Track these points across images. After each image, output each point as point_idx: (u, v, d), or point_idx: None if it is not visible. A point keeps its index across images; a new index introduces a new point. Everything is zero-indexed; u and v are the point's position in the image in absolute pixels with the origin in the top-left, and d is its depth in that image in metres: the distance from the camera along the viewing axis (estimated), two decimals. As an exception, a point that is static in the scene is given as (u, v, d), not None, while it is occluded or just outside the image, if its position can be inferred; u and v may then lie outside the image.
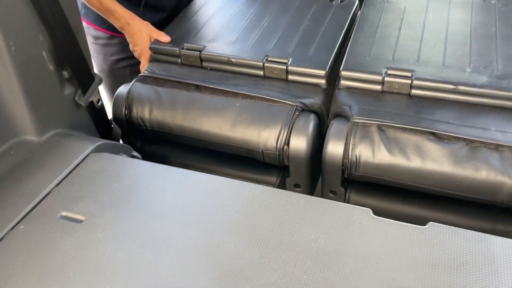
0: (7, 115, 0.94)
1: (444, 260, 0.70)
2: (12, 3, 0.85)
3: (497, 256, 0.70)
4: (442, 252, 0.71)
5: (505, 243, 0.72)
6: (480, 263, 0.69)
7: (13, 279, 0.70)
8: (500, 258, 0.70)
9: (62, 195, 0.85)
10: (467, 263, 0.69)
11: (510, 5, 1.22)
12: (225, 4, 1.39)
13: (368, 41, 1.15)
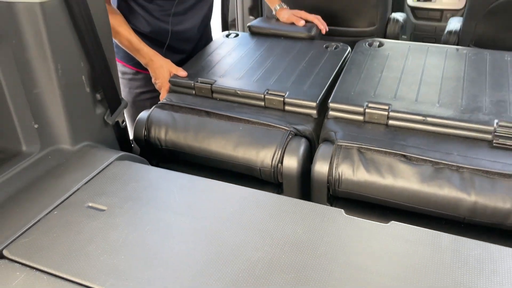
0: (49, 126, 1.14)
1: (399, 249, 0.85)
2: (63, 36, 1.07)
3: (443, 248, 0.85)
4: (398, 243, 0.86)
5: (452, 238, 0.86)
6: (428, 253, 0.84)
7: (47, 249, 0.87)
8: (445, 250, 0.84)
9: (89, 190, 1.02)
10: (418, 252, 0.84)
11: (479, 55, 1.42)
12: (235, 48, 1.62)
13: (354, 79, 1.35)
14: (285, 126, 1.25)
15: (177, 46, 1.67)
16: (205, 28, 1.78)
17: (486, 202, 1.04)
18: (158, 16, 1.60)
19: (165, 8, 1.58)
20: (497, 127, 1.13)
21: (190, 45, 1.70)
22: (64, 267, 0.83)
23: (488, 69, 1.35)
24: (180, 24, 1.63)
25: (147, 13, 1.58)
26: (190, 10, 1.64)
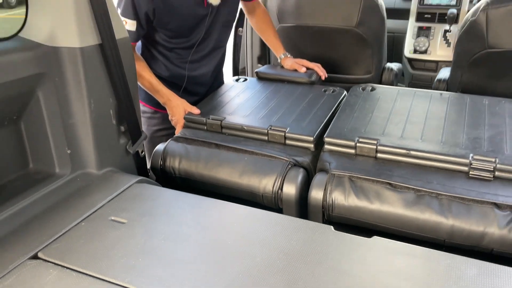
0: (79, 152, 1.32)
1: (379, 257, 0.98)
2: (97, 75, 1.27)
3: (417, 257, 0.97)
4: (378, 252, 0.99)
5: (424, 250, 0.99)
6: (403, 261, 0.96)
7: (76, 252, 1.01)
8: (419, 259, 0.97)
9: (112, 207, 1.18)
10: (394, 260, 0.97)
11: (460, 99, 1.59)
12: (244, 90, 1.81)
13: (348, 118, 1.52)
14: (285, 157, 1.41)
15: (192, 89, 1.87)
16: (218, 74, 2.00)
17: (462, 225, 1.17)
18: (177, 63, 1.81)
19: (183, 56, 1.80)
20: (472, 160, 1.27)
21: (204, 88, 1.91)
22: (90, 267, 0.97)
23: (467, 111, 1.52)
24: (196, 70, 1.85)
25: (167, 60, 1.80)
26: (205, 58, 1.85)
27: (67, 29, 1.18)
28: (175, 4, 1.65)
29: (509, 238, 1.13)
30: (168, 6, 1.64)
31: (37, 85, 1.19)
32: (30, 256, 1.00)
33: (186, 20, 1.70)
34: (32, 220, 1.13)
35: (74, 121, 1.27)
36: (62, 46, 1.20)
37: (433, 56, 2.85)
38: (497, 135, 1.38)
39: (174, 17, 1.67)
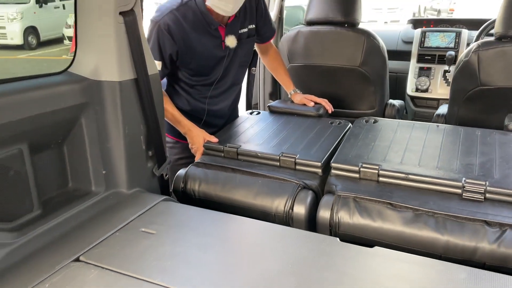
0: (113, 173, 1.48)
1: (379, 264, 1.11)
2: (131, 105, 1.46)
3: (412, 264, 1.10)
4: (378, 259, 1.12)
5: (419, 258, 1.12)
6: (399, 266, 1.09)
7: (112, 256, 1.16)
8: (413, 265, 1.10)
9: (142, 220, 1.33)
10: (393, 266, 1.10)
11: (454, 130, 1.75)
12: (257, 122, 1.99)
13: (352, 146, 1.67)
14: (296, 180, 1.56)
15: (211, 121, 2.06)
16: (234, 108, 2.19)
17: (456, 241, 1.29)
18: (197, 98, 2.00)
19: (203, 92, 1.99)
20: (465, 183, 1.41)
21: (222, 120, 2.09)
22: (125, 268, 1.11)
23: (461, 141, 1.67)
24: (215, 105, 2.04)
25: (189, 95, 2.00)
26: (223, 94, 2.05)
27: (109, 66, 1.38)
28: (196, 47, 1.85)
29: (499, 252, 1.25)
30: (190, 48, 1.85)
31: (81, 113, 1.38)
32: (73, 259, 1.15)
33: (206, 60, 1.91)
34: (73, 230, 1.28)
35: (110, 145, 1.45)
36: (104, 80, 1.39)
37: (434, 94, 3.03)
38: (488, 161, 1.52)
39: (195, 58, 1.88)
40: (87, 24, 1.35)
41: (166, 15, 1.79)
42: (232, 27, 1.91)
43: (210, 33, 1.87)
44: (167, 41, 1.79)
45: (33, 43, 11.74)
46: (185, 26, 1.80)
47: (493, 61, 1.92)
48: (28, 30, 11.55)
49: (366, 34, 2.31)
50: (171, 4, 1.82)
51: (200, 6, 1.82)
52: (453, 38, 3.10)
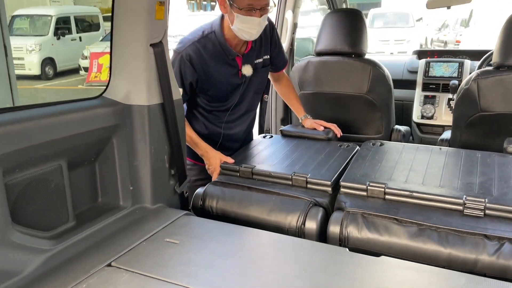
0: (139, 189, 1.61)
1: (385, 270, 1.21)
2: (157, 127, 1.60)
3: (414, 271, 1.20)
4: (384, 266, 1.22)
5: (418, 265, 1.22)
6: (403, 272, 1.19)
7: (141, 262, 1.27)
8: (416, 271, 1.20)
9: (166, 232, 1.45)
10: (398, 272, 1.20)
11: (456, 152, 1.87)
12: (270, 145, 2.13)
13: (360, 167, 1.79)
14: (307, 198, 1.67)
15: (227, 145, 2.19)
16: (249, 133, 2.32)
17: (457, 253, 1.39)
18: (214, 123, 2.15)
19: (219, 117, 2.14)
20: (466, 200, 1.51)
21: (237, 144, 2.23)
22: (154, 272, 1.23)
23: (462, 162, 1.78)
24: (231, 129, 2.18)
25: (206, 120, 2.14)
26: (238, 119, 2.19)
27: (139, 92, 1.53)
28: (215, 75, 2.01)
29: (498, 263, 1.34)
30: (209, 76, 2.01)
31: (113, 134, 1.52)
32: (106, 264, 1.27)
33: (223, 88, 2.06)
34: (104, 239, 1.40)
35: (137, 163, 1.58)
36: (134, 104, 1.54)
37: (439, 121, 3.15)
38: (487, 181, 1.63)
39: (214, 86, 2.04)
40: (121, 54, 1.51)
41: (189, 46, 1.96)
42: (249, 57, 2.08)
43: (228, 63, 2.03)
44: (188, 70, 1.95)
45: (50, 74, 12.17)
46: (205, 57, 1.97)
47: (491, 88, 2.05)
48: (46, 61, 12.00)
49: (372, 63, 2.46)
50: (193, 36, 1.99)
51: (219, 38, 1.99)
52: (456, 68, 3.25)
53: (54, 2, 15.68)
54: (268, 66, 2.21)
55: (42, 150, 1.28)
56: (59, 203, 1.38)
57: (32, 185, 1.29)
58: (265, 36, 2.13)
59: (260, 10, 1.87)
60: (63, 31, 12.59)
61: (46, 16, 12.64)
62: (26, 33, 12.65)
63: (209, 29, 2.01)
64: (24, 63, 11.74)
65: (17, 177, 1.24)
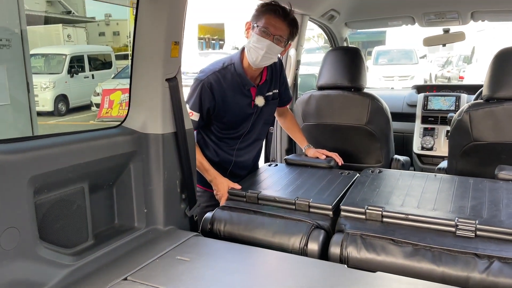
0: (152, 212, 1.73)
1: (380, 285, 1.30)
2: (170, 154, 1.74)
3: (409, 283, 1.30)
4: (380, 280, 1.32)
5: (411, 279, 1.31)
6: (397, 285, 1.29)
7: (156, 276, 1.38)
8: (409, 285, 1.29)
9: (177, 250, 1.56)
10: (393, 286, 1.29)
11: (450, 179, 1.98)
12: (275, 172, 2.25)
13: (359, 192, 1.91)
14: (310, 221, 1.78)
15: (237, 172, 2.33)
16: (256, 161, 2.46)
17: (450, 271, 1.48)
18: (226, 150, 2.30)
19: (231, 144, 2.29)
20: (458, 222, 1.61)
21: (246, 171, 2.37)
22: (166, 284, 1.33)
23: (455, 187, 1.89)
24: (241, 157, 2.32)
25: (218, 148, 2.29)
26: (248, 147, 2.34)
27: (155, 121, 1.69)
28: (231, 103, 2.18)
29: (488, 280, 1.43)
30: (225, 104, 2.18)
31: (130, 160, 1.66)
32: (122, 278, 1.38)
33: (237, 116, 2.23)
34: (120, 257, 1.51)
35: (151, 187, 1.71)
36: (150, 133, 1.69)
37: (438, 152, 3.27)
38: (478, 204, 1.73)
39: (228, 113, 2.20)
40: (139, 88, 1.68)
41: (210, 75, 2.15)
42: (262, 89, 2.26)
43: (244, 93, 2.21)
44: (208, 97, 2.13)
45: (62, 110, 12.54)
46: (224, 86, 2.16)
47: (482, 119, 2.18)
48: (59, 97, 12.38)
49: (371, 97, 2.62)
50: (214, 67, 2.20)
51: (238, 69, 2.19)
52: (453, 102, 3.40)
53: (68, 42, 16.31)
54: (277, 100, 2.38)
55: (68, 173, 1.42)
56: (80, 222, 1.51)
57: (57, 205, 1.42)
58: (276, 72, 2.32)
59: (274, 37, 2.07)
60: (76, 69, 13.06)
61: (61, 55, 13.15)
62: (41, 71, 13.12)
63: (228, 61, 2.21)
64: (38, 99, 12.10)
65: (45, 197, 1.37)
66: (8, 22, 3.05)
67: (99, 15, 21.82)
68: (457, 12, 3.02)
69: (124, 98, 10.56)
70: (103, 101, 10.95)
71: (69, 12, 21.55)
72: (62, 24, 16.55)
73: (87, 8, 22.92)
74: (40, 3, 19.86)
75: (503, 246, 1.50)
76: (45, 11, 18.94)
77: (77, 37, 16.80)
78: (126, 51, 13.61)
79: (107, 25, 25.90)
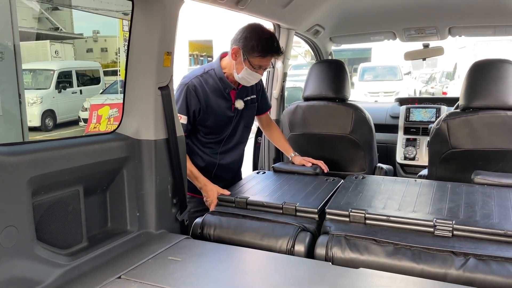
0: (145, 216, 1.79)
1: (362, 278, 1.38)
2: (162, 159, 1.81)
3: (387, 279, 1.37)
4: (362, 276, 1.39)
5: (393, 274, 1.39)
6: (377, 280, 1.36)
7: (148, 274, 1.43)
8: (389, 280, 1.37)
9: (169, 251, 1.62)
10: (375, 281, 1.37)
11: (429, 183, 2.07)
12: (263, 180, 2.33)
13: (344, 196, 1.99)
14: (296, 223, 1.86)
15: (221, 174, 2.40)
16: (240, 165, 2.55)
17: (429, 268, 1.56)
18: (210, 154, 2.37)
19: (214, 148, 2.37)
20: (436, 223, 1.70)
21: (231, 174, 2.44)
22: (159, 282, 1.39)
23: (434, 191, 1.99)
24: (224, 160, 2.40)
25: (203, 152, 2.36)
26: (230, 150, 2.43)
27: (147, 128, 1.76)
28: (213, 106, 2.28)
29: (464, 276, 1.51)
30: (209, 107, 2.27)
31: (124, 165, 1.73)
32: (116, 277, 1.43)
33: (219, 119, 2.31)
34: (113, 258, 1.57)
35: (144, 192, 1.78)
36: (143, 139, 1.76)
37: (420, 162, 3.39)
38: (455, 206, 1.83)
39: (212, 116, 2.29)
40: (133, 96, 1.75)
41: (194, 79, 2.27)
42: (240, 93, 2.38)
43: (224, 96, 2.32)
44: (193, 99, 2.22)
45: (50, 125, 12.49)
46: (206, 89, 2.27)
47: (459, 128, 2.29)
48: (46, 113, 12.34)
49: (354, 107, 2.73)
50: (196, 72, 2.32)
51: (218, 73, 2.30)
52: (434, 113, 3.53)
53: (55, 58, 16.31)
54: (255, 104, 2.51)
55: (64, 175, 1.48)
56: (75, 224, 1.56)
57: (54, 207, 1.48)
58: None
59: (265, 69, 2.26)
60: (64, 84, 13.06)
61: (49, 70, 13.15)
62: (29, 87, 13.08)
63: (209, 67, 2.34)
64: (25, 115, 11.98)
65: (43, 199, 1.43)
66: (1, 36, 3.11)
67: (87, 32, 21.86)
68: (435, 28, 3.18)
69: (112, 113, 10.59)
70: (91, 116, 10.95)
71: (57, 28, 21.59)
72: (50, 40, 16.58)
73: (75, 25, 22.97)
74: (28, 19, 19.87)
75: (478, 244, 1.59)
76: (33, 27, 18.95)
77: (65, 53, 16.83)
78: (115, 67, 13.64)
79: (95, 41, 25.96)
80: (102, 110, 11.03)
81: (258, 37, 2.14)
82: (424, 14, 3.05)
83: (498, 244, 1.58)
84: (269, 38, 2.17)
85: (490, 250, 1.55)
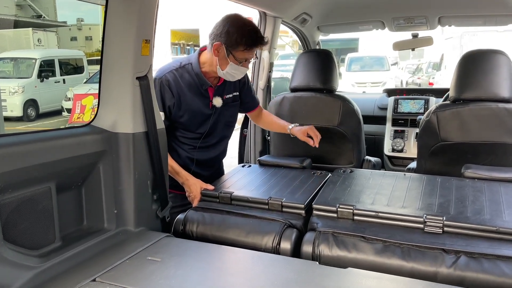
0: (123, 213, 1.70)
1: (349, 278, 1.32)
2: (141, 154, 1.71)
3: (375, 279, 1.31)
4: (350, 276, 1.33)
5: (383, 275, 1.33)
6: (364, 280, 1.30)
7: (125, 276, 1.35)
8: (378, 280, 1.31)
9: (148, 251, 1.53)
10: (363, 282, 1.31)
11: (419, 177, 2.02)
12: (248, 173, 2.25)
13: (331, 191, 1.93)
14: (282, 220, 1.79)
15: (199, 171, 2.30)
16: (220, 161, 2.45)
17: (419, 266, 1.51)
18: (187, 150, 2.28)
19: (191, 145, 2.27)
20: (426, 219, 1.65)
21: (209, 171, 2.35)
22: (136, 284, 1.31)
23: (423, 186, 1.93)
24: (202, 157, 2.31)
25: (181, 149, 2.27)
26: (210, 147, 2.33)
27: (125, 120, 1.66)
28: (188, 103, 2.17)
29: (455, 274, 1.46)
30: (183, 103, 2.16)
31: (99, 159, 1.63)
32: (90, 280, 1.34)
33: (195, 116, 2.21)
34: (89, 258, 1.48)
35: (121, 188, 1.68)
36: (120, 132, 1.66)
37: (408, 154, 3.35)
38: (445, 202, 1.77)
39: (186, 113, 2.19)
40: (109, 86, 1.65)
41: (168, 73, 2.15)
42: (220, 90, 2.26)
43: (201, 93, 2.21)
44: (167, 94, 2.12)
45: (32, 115, 12.22)
46: (181, 84, 2.15)
47: (449, 120, 2.24)
48: (28, 103, 12.07)
49: (342, 99, 2.66)
50: (170, 66, 2.19)
51: (195, 69, 2.18)
52: (422, 105, 3.48)
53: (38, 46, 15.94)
54: (238, 102, 2.39)
55: (33, 172, 1.38)
56: (46, 224, 1.47)
57: (22, 206, 1.38)
58: None
59: (249, 62, 2.14)
60: (47, 73, 12.77)
61: (30, 59, 12.83)
62: (10, 76, 12.77)
63: (186, 61, 2.21)
64: (6, 104, 11.75)
65: (10, 197, 1.33)
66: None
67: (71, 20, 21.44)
68: (425, 17, 3.11)
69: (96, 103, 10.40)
70: (75, 106, 10.72)
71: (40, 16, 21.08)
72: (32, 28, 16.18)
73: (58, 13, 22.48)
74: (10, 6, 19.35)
75: (469, 241, 1.54)
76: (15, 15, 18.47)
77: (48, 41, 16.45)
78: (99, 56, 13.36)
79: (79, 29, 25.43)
80: (86, 100, 10.81)
81: (241, 30, 2.03)
82: (414, 3, 2.98)
83: (489, 241, 1.53)
84: (252, 30, 2.07)
85: (482, 248, 1.50)
